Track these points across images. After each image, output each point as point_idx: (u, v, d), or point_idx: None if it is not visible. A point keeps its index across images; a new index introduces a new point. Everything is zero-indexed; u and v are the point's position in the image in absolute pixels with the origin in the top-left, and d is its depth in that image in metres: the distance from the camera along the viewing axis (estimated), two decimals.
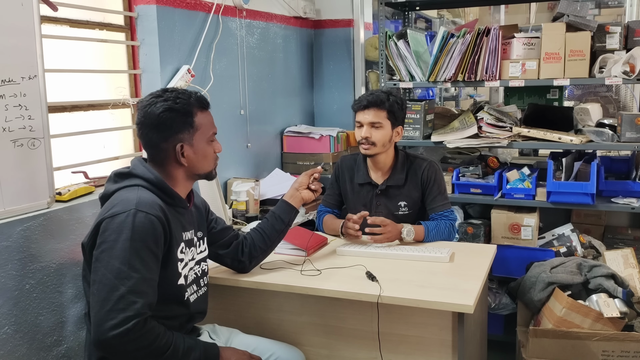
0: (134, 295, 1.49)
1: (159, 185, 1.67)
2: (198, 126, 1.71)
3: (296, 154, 3.57)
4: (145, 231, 1.55)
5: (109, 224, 1.55)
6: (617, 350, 2.35)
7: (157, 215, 1.59)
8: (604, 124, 2.99)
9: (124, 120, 2.62)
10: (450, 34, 3.04)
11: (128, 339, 1.47)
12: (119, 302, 1.48)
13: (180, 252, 1.71)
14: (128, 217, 1.54)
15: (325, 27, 3.93)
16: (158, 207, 1.61)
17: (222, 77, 2.99)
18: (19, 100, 1.87)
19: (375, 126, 2.37)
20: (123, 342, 1.47)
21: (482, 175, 3.13)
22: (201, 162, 1.74)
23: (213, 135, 1.77)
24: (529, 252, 2.89)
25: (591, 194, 2.80)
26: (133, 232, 1.53)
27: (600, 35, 2.84)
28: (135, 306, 1.48)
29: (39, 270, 1.95)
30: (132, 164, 1.73)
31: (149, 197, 1.62)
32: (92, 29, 2.42)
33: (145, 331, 1.50)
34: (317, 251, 2.29)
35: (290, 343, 2.04)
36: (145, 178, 1.66)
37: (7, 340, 1.85)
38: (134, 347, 1.50)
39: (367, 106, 2.37)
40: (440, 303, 1.80)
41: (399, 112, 2.42)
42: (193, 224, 1.82)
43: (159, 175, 1.68)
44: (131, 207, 1.56)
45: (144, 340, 1.50)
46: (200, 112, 1.72)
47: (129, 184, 1.66)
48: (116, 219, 1.55)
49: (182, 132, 1.68)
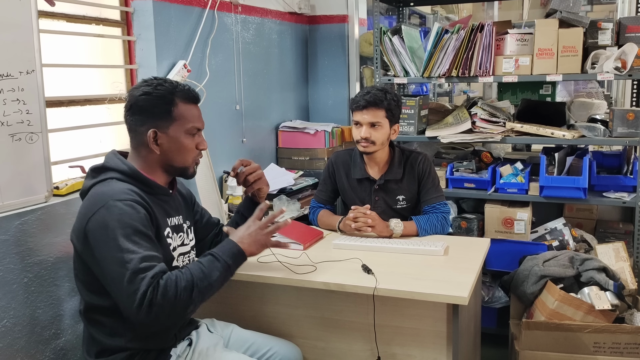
0: (139, 272, 1.49)
1: (133, 176, 1.69)
2: (177, 116, 1.70)
3: (291, 149, 3.59)
4: (127, 216, 1.56)
5: (93, 225, 1.57)
6: (609, 342, 2.39)
7: (134, 199, 1.60)
8: (595, 119, 3.03)
9: (120, 115, 2.62)
10: (444, 30, 3.06)
11: (156, 308, 1.48)
12: (130, 285, 1.49)
13: (167, 236, 1.72)
14: (107, 210, 1.56)
15: (320, 22, 3.94)
16: (133, 192, 1.63)
17: (218, 73, 3.00)
18: (17, 95, 1.87)
19: (375, 126, 2.39)
20: (156, 313, 1.48)
21: (476, 170, 3.16)
22: (175, 153, 1.72)
23: (195, 130, 1.75)
24: (521, 246, 2.92)
25: (583, 188, 2.83)
26: (117, 222, 1.54)
27: (593, 32, 2.87)
28: (144, 281, 1.49)
29: (36, 264, 1.96)
30: (105, 157, 1.74)
31: (122, 187, 1.64)
32: (89, 24, 2.43)
33: (163, 292, 1.50)
34: (313, 245, 2.31)
35: (286, 336, 2.06)
36: (119, 170, 1.68)
37: (5, 333, 1.86)
38: (168, 309, 1.50)
39: (365, 106, 2.38)
40: (435, 295, 1.82)
41: (396, 110, 2.44)
42: (179, 211, 1.84)
43: (133, 166, 1.70)
44: (106, 200, 1.58)
45: (169, 298, 1.50)
46: (183, 103, 1.72)
47: (103, 177, 1.68)
48: (96, 216, 1.57)
49: (159, 118, 1.69)
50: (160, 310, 1.49)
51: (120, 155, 1.73)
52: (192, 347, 1.80)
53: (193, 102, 1.76)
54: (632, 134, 2.79)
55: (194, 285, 1.55)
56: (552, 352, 2.45)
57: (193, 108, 1.75)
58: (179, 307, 1.52)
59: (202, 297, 1.57)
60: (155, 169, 1.75)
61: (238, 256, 1.68)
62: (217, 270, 1.61)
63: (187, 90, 1.74)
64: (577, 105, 3.24)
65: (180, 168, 1.76)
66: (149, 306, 1.48)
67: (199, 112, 1.78)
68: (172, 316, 1.52)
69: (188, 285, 1.54)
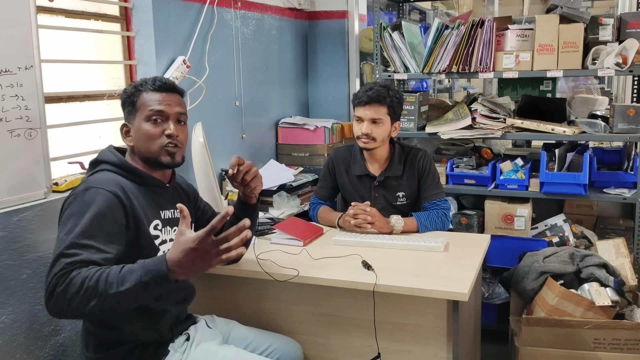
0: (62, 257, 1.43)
1: (123, 167, 1.71)
2: (139, 106, 1.73)
3: (291, 145, 3.58)
4: (94, 202, 1.54)
5: (66, 205, 1.59)
6: (609, 338, 2.39)
7: (111, 190, 1.59)
8: (596, 115, 3.02)
9: (119, 111, 2.61)
10: (444, 26, 3.05)
11: (55, 299, 1.39)
12: (50, 268, 1.43)
13: (155, 228, 1.71)
14: (79, 194, 1.58)
15: (320, 18, 3.93)
16: (114, 183, 1.62)
17: (218, 68, 2.99)
18: (16, 91, 1.86)
19: (377, 122, 2.38)
20: (54, 303, 1.40)
21: (476, 166, 3.15)
22: (141, 142, 1.72)
23: (155, 114, 1.70)
24: (522, 242, 2.92)
25: (583, 184, 2.83)
26: (82, 205, 1.54)
27: (593, 27, 2.86)
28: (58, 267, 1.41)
29: (35, 260, 1.96)
30: (100, 151, 1.78)
31: (107, 176, 1.65)
32: (88, 19, 2.42)
33: (67, 285, 1.38)
34: (313, 241, 2.31)
35: (287, 332, 2.06)
36: (109, 162, 1.71)
37: (4, 330, 1.86)
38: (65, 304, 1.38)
39: (368, 102, 2.37)
40: (435, 291, 1.82)
41: (398, 107, 2.44)
42: (175, 204, 1.82)
43: (123, 158, 1.73)
44: (83, 186, 1.60)
45: (70, 294, 1.38)
46: (146, 92, 1.72)
47: (97, 169, 1.71)
48: (70, 199, 1.60)
49: (128, 112, 1.76)
50: (57, 303, 1.39)
51: (113, 149, 1.76)
52: (190, 342, 1.80)
53: (157, 89, 1.73)
54: (632, 130, 2.78)
55: (98, 288, 1.37)
56: (552, 348, 2.45)
57: (157, 94, 1.72)
58: (75, 306, 1.38)
59: (103, 304, 1.37)
60: (140, 162, 1.76)
61: (159, 278, 1.39)
62: (130, 283, 1.38)
63: (153, 79, 1.75)
64: (578, 101, 3.23)
65: (151, 158, 1.72)
66: (50, 295, 1.39)
67: (167, 98, 1.72)
68: (69, 311, 1.40)
69: (94, 286, 1.37)
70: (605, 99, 3.29)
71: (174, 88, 1.77)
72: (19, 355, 1.91)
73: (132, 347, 1.70)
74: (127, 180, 1.68)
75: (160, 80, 1.75)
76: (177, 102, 1.76)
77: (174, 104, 1.74)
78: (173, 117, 1.73)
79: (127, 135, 1.76)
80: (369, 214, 2.32)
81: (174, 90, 1.77)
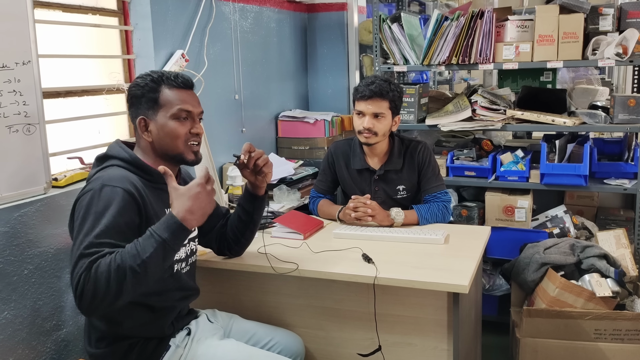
0: (84, 257, 1.45)
1: (134, 163, 1.70)
2: (163, 102, 1.71)
3: (291, 138, 3.57)
4: (110, 202, 1.55)
5: (80, 202, 1.59)
6: (609, 328, 2.39)
7: (125, 188, 1.59)
8: (596, 106, 3.01)
9: (118, 106, 2.62)
10: (444, 17, 3.04)
11: (87, 295, 1.41)
12: (73, 269, 1.46)
13: None
14: (95, 193, 1.57)
15: (319, 11, 3.91)
16: (127, 181, 1.62)
17: (216, 62, 2.98)
18: (14, 86, 1.86)
19: (378, 117, 2.37)
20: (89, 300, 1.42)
21: (476, 158, 3.15)
22: (165, 139, 1.72)
23: (183, 113, 1.72)
24: (522, 234, 2.92)
25: (584, 175, 2.82)
26: (98, 204, 1.54)
27: (594, 17, 2.85)
28: (83, 267, 1.43)
29: (37, 256, 1.96)
30: (109, 146, 1.77)
31: (119, 173, 1.64)
32: (85, 13, 2.41)
33: (95, 279, 1.42)
34: (313, 234, 2.31)
35: (287, 325, 2.06)
36: (119, 157, 1.70)
37: (6, 325, 1.86)
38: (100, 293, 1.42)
39: (370, 97, 2.36)
40: (435, 284, 1.82)
41: (399, 102, 2.43)
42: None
43: (134, 154, 1.72)
44: (99, 182, 1.59)
45: (100, 284, 1.42)
46: (168, 89, 1.72)
47: (106, 165, 1.70)
48: (85, 196, 1.58)
49: (145, 107, 1.72)
50: (91, 299, 1.42)
51: (122, 144, 1.75)
52: (191, 337, 1.80)
53: (181, 87, 1.75)
54: (633, 121, 2.77)
55: (126, 265, 1.42)
56: (553, 339, 2.45)
57: (181, 92, 1.74)
58: (111, 292, 1.42)
59: (137, 277, 1.43)
60: (155, 158, 1.75)
61: (175, 230, 1.48)
62: (151, 247, 1.45)
63: (174, 76, 1.75)
64: (578, 92, 3.22)
65: (175, 155, 1.75)
66: (81, 295, 1.42)
67: (190, 97, 1.76)
68: (105, 302, 1.43)
69: (119, 266, 1.42)
70: (606, 90, 3.28)
71: (193, 85, 1.80)
72: (20, 350, 1.92)
73: (133, 342, 1.70)
74: (137, 177, 1.67)
75: (183, 77, 1.76)
76: (198, 100, 1.80)
77: (197, 103, 1.79)
78: (197, 115, 1.77)
79: (145, 130, 1.73)
80: (370, 207, 2.32)
81: (193, 88, 1.80)
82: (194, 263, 1.91)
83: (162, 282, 1.71)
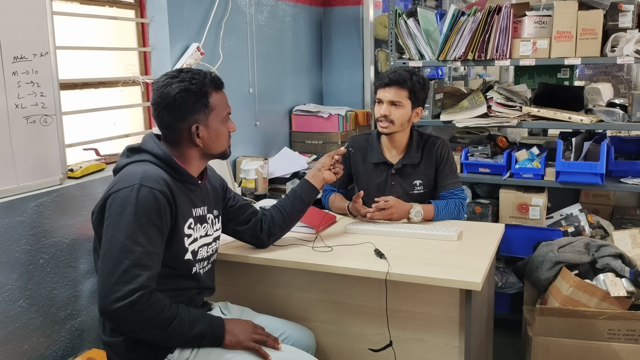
0: (138, 269, 1.51)
1: (167, 162, 1.68)
2: (213, 107, 1.72)
3: (305, 132, 3.58)
4: (149, 205, 1.57)
5: (115, 199, 1.58)
6: (623, 329, 2.37)
7: (161, 190, 1.60)
8: (614, 103, 2.97)
9: (134, 98, 2.63)
10: (460, 12, 3.01)
11: (133, 310, 1.50)
12: (123, 275, 1.50)
13: (188, 227, 1.72)
14: (132, 192, 1.56)
15: (335, 5, 3.90)
16: (163, 181, 1.62)
17: (231, 55, 2.99)
18: (31, 77, 1.88)
19: (395, 105, 2.36)
20: (128, 314, 1.50)
21: (491, 154, 3.13)
22: (215, 142, 1.75)
23: (227, 115, 1.78)
24: (536, 232, 2.90)
25: (600, 174, 2.79)
26: (137, 207, 1.55)
27: (613, 14, 2.81)
28: (139, 279, 1.50)
29: (52, 245, 1.99)
30: (143, 139, 1.75)
31: (155, 172, 1.64)
32: (102, 6, 2.42)
33: (150, 303, 1.52)
34: (326, 229, 2.31)
35: (299, 319, 2.07)
36: (154, 154, 1.68)
37: (22, 314, 1.89)
38: (139, 319, 1.52)
39: (388, 84, 2.36)
40: (448, 280, 1.81)
41: (420, 93, 2.40)
42: (206, 201, 1.83)
43: (168, 152, 1.69)
44: (135, 181, 1.58)
45: (149, 312, 1.53)
46: (215, 92, 1.73)
47: (138, 159, 1.69)
48: (120, 193, 1.58)
49: (197, 113, 1.69)
50: (134, 315, 1.51)
51: (156, 139, 1.73)
52: None
53: (221, 88, 1.77)
54: None
55: (171, 324, 1.58)
56: (565, 338, 2.43)
57: (222, 94, 1.77)
58: (145, 326, 1.55)
59: (162, 335, 1.58)
60: (192, 160, 1.76)
61: (214, 338, 1.67)
62: (196, 331, 1.63)
63: (214, 78, 1.75)
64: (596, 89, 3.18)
65: (218, 154, 1.80)
66: (130, 306, 1.49)
67: (226, 97, 1.80)
68: (134, 327, 1.55)
69: (166, 322, 1.57)
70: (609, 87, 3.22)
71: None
72: (35, 338, 1.95)
73: None
74: (168, 175, 1.67)
75: (220, 79, 1.77)
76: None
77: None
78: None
79: (197, 136, 1.71)
80: (388, 206, 2.30)
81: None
82: (214, 262, 1.92)
83: (178, 282, 1.73)
